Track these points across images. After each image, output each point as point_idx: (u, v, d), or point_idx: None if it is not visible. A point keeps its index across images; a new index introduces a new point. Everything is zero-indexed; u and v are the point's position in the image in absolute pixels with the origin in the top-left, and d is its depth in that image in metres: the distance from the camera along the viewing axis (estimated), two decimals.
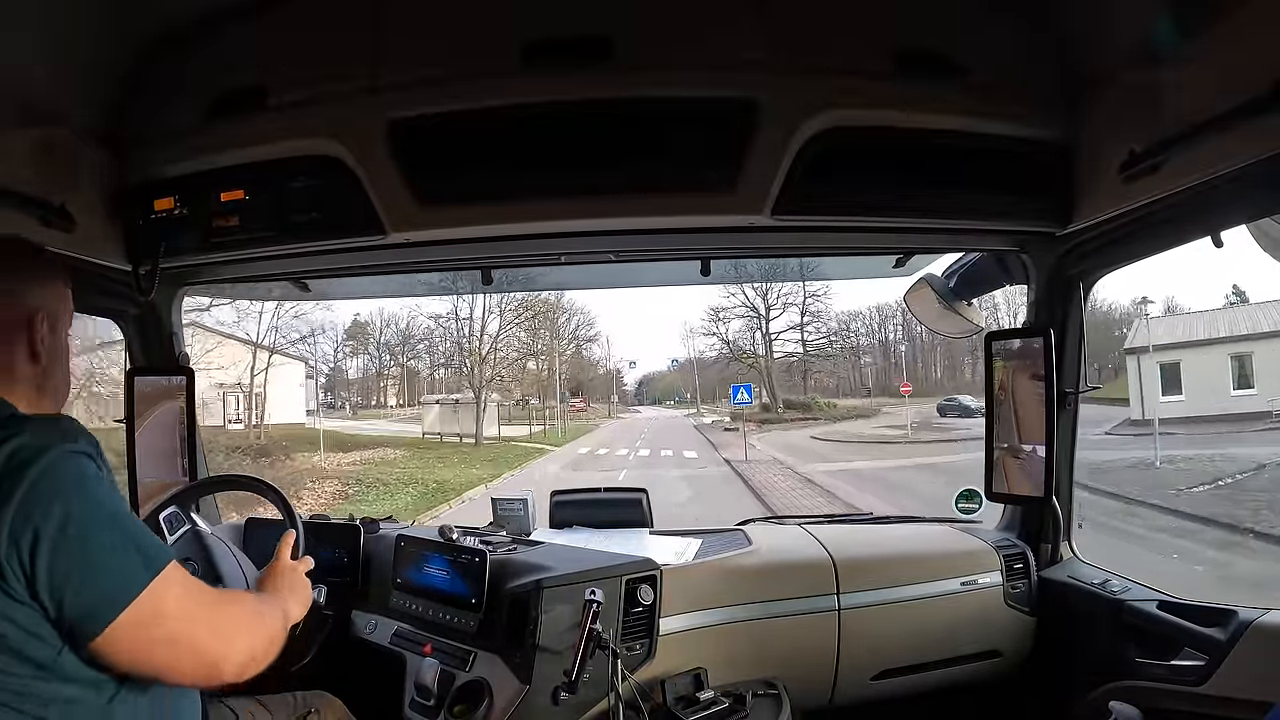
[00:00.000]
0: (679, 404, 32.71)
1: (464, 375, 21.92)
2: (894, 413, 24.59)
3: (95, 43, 1.38)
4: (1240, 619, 1.48)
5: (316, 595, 1.64)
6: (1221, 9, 1.10)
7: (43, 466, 0.82)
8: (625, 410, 31.84)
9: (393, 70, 1.41)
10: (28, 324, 0.95)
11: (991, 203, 1.54)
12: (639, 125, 1.42)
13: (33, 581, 0.79)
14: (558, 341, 27.85)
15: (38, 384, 0.96)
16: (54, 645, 0.82)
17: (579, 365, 30.66)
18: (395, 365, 27.99)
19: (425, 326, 26.92)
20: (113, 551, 0.83)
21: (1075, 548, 2.01)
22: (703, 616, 1.78)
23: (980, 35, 1.43)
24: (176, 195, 1.57)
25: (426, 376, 28.63)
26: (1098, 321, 24.92)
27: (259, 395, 17.61)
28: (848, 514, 2.38)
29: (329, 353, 27.28)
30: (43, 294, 0.98)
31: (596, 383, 31.26)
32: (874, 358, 31.14)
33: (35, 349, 0.96)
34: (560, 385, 29.09)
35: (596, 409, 30.33)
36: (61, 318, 1.01)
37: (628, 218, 1.54)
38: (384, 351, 28.07)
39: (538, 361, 25.90)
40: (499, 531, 2.02)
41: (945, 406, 22.32)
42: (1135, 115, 1.31)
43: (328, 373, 27.53)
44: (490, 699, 1.53)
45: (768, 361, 27.78)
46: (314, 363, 23.38)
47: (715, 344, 30.04)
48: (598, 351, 31.85)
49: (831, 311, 29.61)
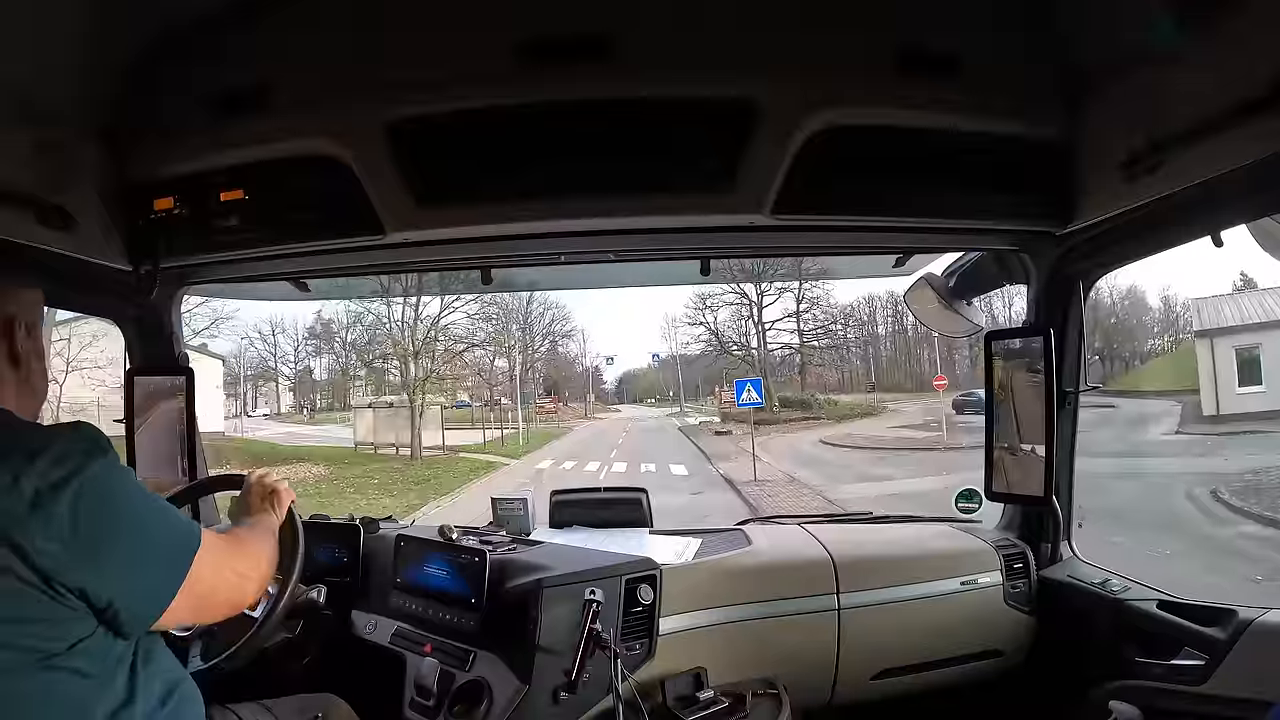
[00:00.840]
0: (660, 402, 30.50)
1: (399, 375, 19.21)
2: (900, 410, 22.95)
3: (95, 42, 1.38)
4: (1240, 618, 1.48)
5: (316, 595, 1.65)
6: (1221, 9, 1.10)
7: (91, 475, 0.85)
8: (604, 410, 29.90)
9: (392, 70, 1.41)
10: (8, 328, 0.96)
11: (991, 202, 1.54)
12: (638, 125, 1.42)
13: (86, 593, 0.84)
14: (527, 336, 25.94)
15: (19, 386, 0.98)
16: (66, 640, 0.84)
17: (555, 363, 28.87)
18: (361, 365, 25.63)
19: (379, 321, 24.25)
20: (159, 547, 0.92)
21: (1075, 547, 2.01)
22: (703, 616, 1.79)
23: (980, 34, 1.43)
24: (176, 195, 1.56)
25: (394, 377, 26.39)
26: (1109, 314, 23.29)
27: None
28: (848, 513, 2.38)
29: (289, 352, 25.97)
30: (18, 297, 0.99)
31: (574, 381, 29.59)
32: (877, 347, 29.28)
33: (15, 352, 0.97)
34: (535, 384, 26.95)
35: (574, 409, 28.40)
36: (37, 319, 1.03)
37: (627, 217, 1.54)
38: (350, 350, 25.82)
39: (509, 359, 24.33)
40: (499, 531, 2.02)
41: (963, 402, 19.69)
42: (1135, 115, 1.31)
43: (293, 374, 26.70)
44: (490, 699, 1.53)
45: (761, 354, 25.57)
46: (240, 361, 22.54)
47: (702, 335, 27.54)
48: (574, 348, 29.72)
49: (832, 299, 26.96)
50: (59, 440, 0.86)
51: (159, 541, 0.92)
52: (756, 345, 26.16)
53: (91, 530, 0.84)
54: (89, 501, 0.84)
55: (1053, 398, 1.79)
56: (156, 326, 1.99)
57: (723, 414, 22.58)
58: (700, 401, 27.79)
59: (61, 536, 0.82)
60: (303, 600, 1.62)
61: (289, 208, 1.53)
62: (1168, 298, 24.08)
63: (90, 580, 0.84)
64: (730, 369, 25.54)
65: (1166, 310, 24.37)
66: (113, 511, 0.87)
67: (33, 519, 0.80)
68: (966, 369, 24.19)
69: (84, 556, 0.83)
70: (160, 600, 0.91)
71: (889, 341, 29.74)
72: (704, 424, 23.04)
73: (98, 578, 0.84)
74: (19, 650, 0.81)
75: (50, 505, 0.82)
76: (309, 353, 26.94)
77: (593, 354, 31.19)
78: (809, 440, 19.40)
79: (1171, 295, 23.72)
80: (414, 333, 18.97)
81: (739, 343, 26.72)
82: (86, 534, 0.83)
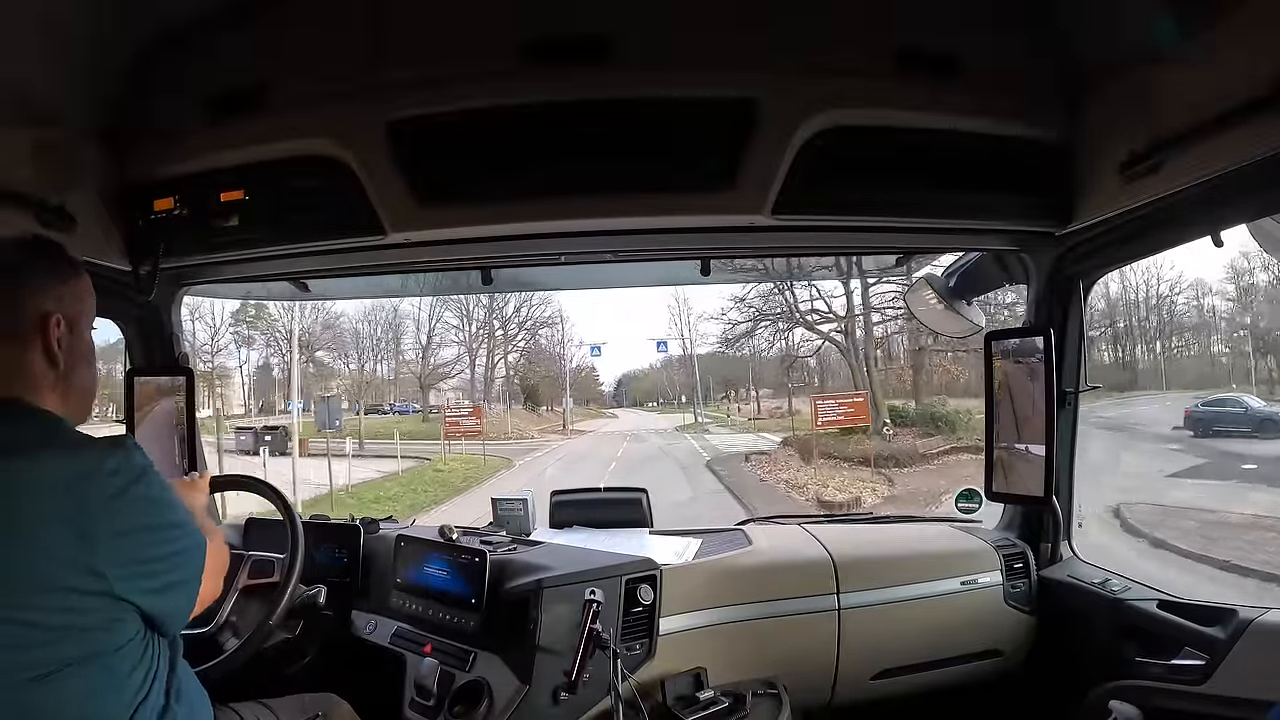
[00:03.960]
0: (666, 406, 22.68)
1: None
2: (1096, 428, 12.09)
3: (95, 42, 1.38)
4: (1240, 618, 1.48)
5: (316, 595, 1.66)
6: (1221, 9, 1.10)
7: (130, 479, 0.88)
8: (596, 415, 23.27)
9: (392, 70, 1.41)
10: (42, 324, 0.94)
11: (991, 202, 1.54)
12: (639, 125, 1.42)
13: (139, 605, 0.89)
14: (492, 325, 20.14)
15: (58, 387, 0.96)
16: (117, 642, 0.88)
17: (536, 359, 23.12)
18: (308, 362, 21.39)
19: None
20: (193, 556, 0.97)
21: (1075, 547, 2.01)
22: (703, 616, 1.78)
23: (980, 34, 1.43)
24: (176, 195, 1.57)
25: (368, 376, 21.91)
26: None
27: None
28: (848, 514, 2.38)
29: (206, 342, 21.08)
30: (59, 293, 0.97)
31: (565, 383, 23.81)
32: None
33: (52, 350, 0.95)
34: (510, 387, 21.25)
35: (549, 418, 21.99)
36: (82, 317, 1.01)
37: (627, 217, 1.54)
38: (286, 344, 20.59)
39: (489, 357, 19.90)
40: (499, 531, 2.02)
41: (1206, 416, 12.84)
42: (1135, 115, 1.31)
43: (206, 369, 20.83)
44: (490, 699, 1.53)
45: (865, 336, 14.41)
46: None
47: (731, 306, 17.24)
48: (546, 337, 23.35)
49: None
50: (108, 454, 0.88)
51: (195, 547, 0.97)
52: (846, 315, 14.85)
53: (149, 544, 0.89)
54: (146, 515, 0.89)
55: (1053, 398, 1.79)
56: (156, 326, 1.99)
57: (755, 427, 13.96)
58: (717, 405, 20.51)
59: (126, 552, 0.86)
60: (302, 600, 1.62)
61: (289, 208, 1.53)
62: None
63: (147, 592, 0.88)
64: (787, 356, 15.22)
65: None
66: (166, 522, 0.92)
67: (91, 530, 0.83)
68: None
69: (145, 571, 0.88)
70: (193, 599, 0.97)
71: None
72: (760, 453, 13.12)
73: (151, 588, 0.89)
74: (83, 651, 0.84)
75: (105, 518, 0.85)
76: (231, 341, 22.10)
77: (575, 344, 24.08)
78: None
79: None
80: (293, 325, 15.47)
81: (827, 312, 15.28)
82: (145, 549, 0.89)
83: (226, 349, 22.04)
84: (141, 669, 0.90)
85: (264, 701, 1.37)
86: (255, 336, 22.15)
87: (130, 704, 0.88)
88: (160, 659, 0.94)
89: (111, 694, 0.87)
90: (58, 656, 0.82)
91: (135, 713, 0.88)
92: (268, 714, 1.35)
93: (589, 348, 23.56)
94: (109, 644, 0.86)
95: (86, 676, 0.84)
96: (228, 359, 22.53)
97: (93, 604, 0.84)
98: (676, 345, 22.00)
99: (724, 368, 21.41)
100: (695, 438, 15.48)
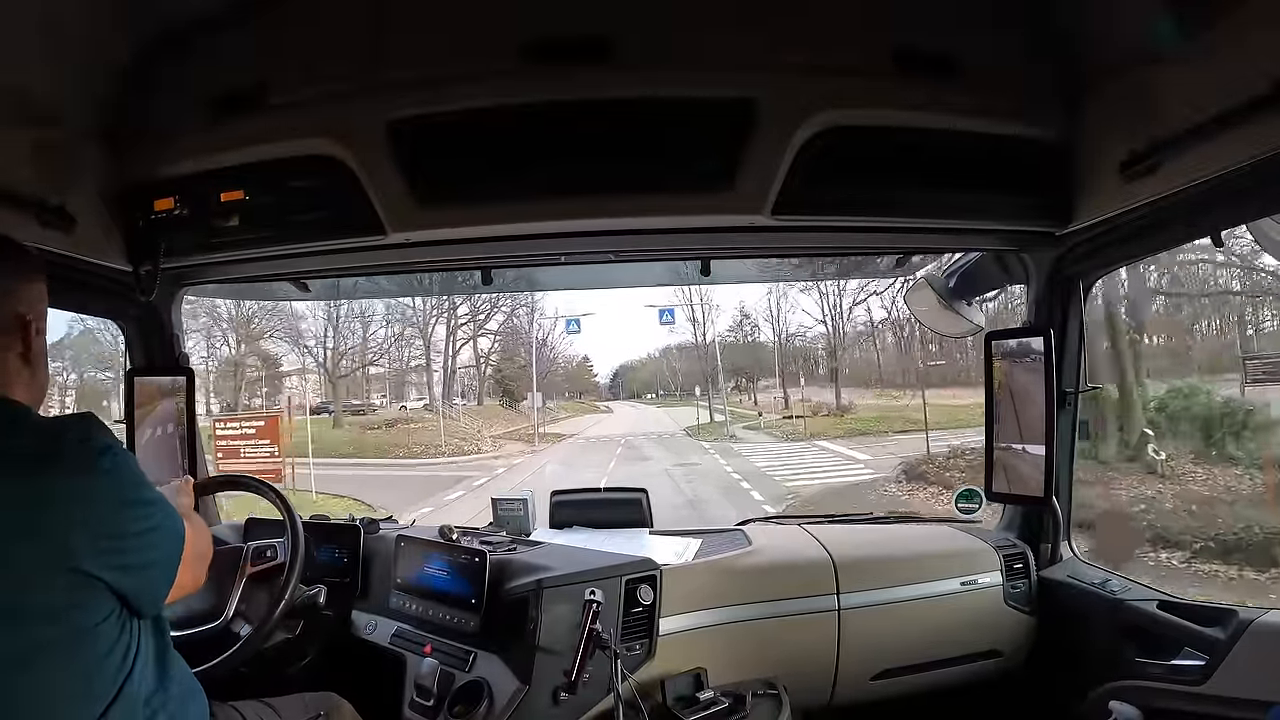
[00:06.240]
0: (667, 398, 18.99)
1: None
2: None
3: (95, 42, 1.38)
4: (1240, 618, 1.47)
5: (316, 595, 1.65)
6: (1221, 9, 1.10)
7: (97, 451, 0.89)
8: (587, 411, 19.45)
9: (392, 70, 1.41)
10: (22, 326, 0.96)
11: (991, 202, 1.54)
12: (639, 125, 1.42)
13: (108, 582, 0.88)
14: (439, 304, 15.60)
15: (30, 383, 0.98)
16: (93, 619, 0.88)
17: (514, 347, 18.82)
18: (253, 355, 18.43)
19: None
20: (167, 537, 0.98)
21: (1075, 547, 2.01)
22: (703, 616, 1.78)
23: (980, 35, 1.43)
24: (176, 195, 1.57)
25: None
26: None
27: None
28: (847, 514, 2.38)
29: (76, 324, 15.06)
30: (31, 294, 0.99)
31: (555, 375, 20.45)
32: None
33: (30, 351, 0.97)
34: (480, 380, 16.87)
35: (512, 422, 17.77)
36: (44, 317, 1.03)
37: (628, 217, 1.54)
38: (233, 332, 16.80)
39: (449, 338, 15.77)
40: (499, 531, 2.02)
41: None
42: (1135, 115, 1.31)
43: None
44: (490, 699, 1.53)
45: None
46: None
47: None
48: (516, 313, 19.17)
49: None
50: (76, 430, 0.90)
51: (170, 528, 0.98)
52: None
53: (117, 519, 0.89)
54: (113, 490, 0.90)
55: (1053, 398, 1.79)
56: (156, 327, 1.99)
57: (803, 430, 9.89)
58: (726, 397, 17.28)
59: (91, 527, 0.86)
60: (302, 600, 1.62)
61: (289, 208, 1.53)
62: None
63: (116, 568, 0.88)
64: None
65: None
66: (135, 499, 0.92)
67: (66, 508, 0.85)
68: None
69: (112, 546, 0.88)
70: (167, 582, 0.98)
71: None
72: (791, 471, 8.71)
73: (119, 564, 0.89)
74: (57, 631, 0.85)
75: (80, 495, 0.86)
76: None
77: (550, 319, 19.27)
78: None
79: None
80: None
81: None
82: (113, 524, 0.89)
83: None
84: (120, 649, 0.90)
85: (265, 700, 1.37)
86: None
87: (113, 681, 0.89)
88: (143, 640, 0.94)
89: (92, 674, 0.87)
90: (32, 637, 0.83)
91: (120, 692, 0.89)
92: (269, 712, 1.36)
93: (565, 322, 17.93)
94: (83, 622, 0.86)
95: (63, 655, 0.85)
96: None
97: (61, 581, 0.84)
98: (684, 316, 18.43)
99: (733, 355, 18.93)
100: (717, 448, 10.57)
